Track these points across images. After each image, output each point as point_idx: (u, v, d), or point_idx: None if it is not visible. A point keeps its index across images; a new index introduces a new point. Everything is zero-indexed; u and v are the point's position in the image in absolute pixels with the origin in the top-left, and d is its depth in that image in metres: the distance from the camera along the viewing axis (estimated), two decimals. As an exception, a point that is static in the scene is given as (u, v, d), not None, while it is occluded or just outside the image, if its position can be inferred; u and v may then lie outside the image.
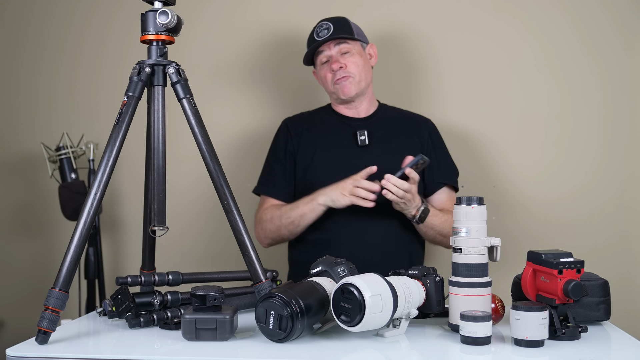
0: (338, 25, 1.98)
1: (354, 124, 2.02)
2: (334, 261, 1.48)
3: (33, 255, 2.47)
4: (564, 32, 2.32)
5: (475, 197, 1.45)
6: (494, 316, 1.47)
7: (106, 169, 1.46)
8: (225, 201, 1.53)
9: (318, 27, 2.00)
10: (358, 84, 1.98)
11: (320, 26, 2.00)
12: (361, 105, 2.03)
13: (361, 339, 1.38)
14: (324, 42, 1.97)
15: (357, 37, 1.99)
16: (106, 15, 2.46)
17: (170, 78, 1.55)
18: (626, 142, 2.28)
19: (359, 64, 1.98)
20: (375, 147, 1.97)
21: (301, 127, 2.06)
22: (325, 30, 1.97)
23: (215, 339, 1.35)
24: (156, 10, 1.54)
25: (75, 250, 1.41)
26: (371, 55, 2.06)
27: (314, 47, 1.99)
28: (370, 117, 2.04)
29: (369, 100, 2.05)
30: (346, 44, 1.98)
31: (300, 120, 2.09)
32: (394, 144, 1.99)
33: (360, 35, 2.03)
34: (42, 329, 1.35)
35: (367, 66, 2.01)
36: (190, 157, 1.78)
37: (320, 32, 1.98)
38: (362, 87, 1.99)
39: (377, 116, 2.05)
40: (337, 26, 1.98)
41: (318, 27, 2.01)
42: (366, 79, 2.00)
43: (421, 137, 2.03)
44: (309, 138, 2.02)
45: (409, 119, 2.09)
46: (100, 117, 2.36)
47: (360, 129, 1.98)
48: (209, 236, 2.38)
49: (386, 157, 1.94)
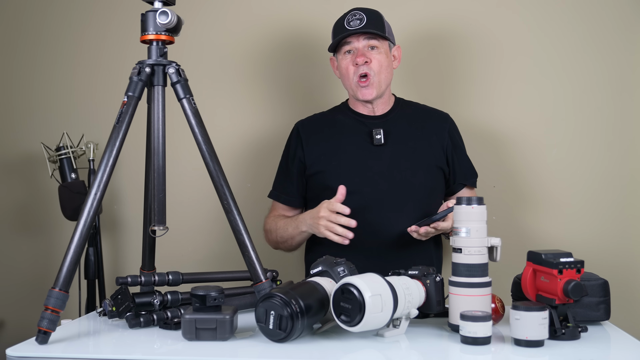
0: (372, 18, 1.90)
1: (369, 123, 1.97)
2: (334, 261, 1.48)
3: (33, 255, 2.46)
4: (565, 32, 2.32)
5: (475, 197, 1.45)
6: (494, 316, 1.47)
7: (106, 169, 1.46)
8: (225, 201, 1.53)
9: (350, 16, 1.91)
10: (378, 86, 1.92)
11: (353, 15, 1.91)
12: (378, 104, 1.99)
13: (361, 339, 1.38)
14: (354, 33, 1.89)
15: (387, 35, 1.93)
16: (106, 15, 2.46)
17: (170, 78, 1.55)
18: (627, 142, 2.28)
19: (383, 64, 1.92)
20: (391, 146, 1.94)
21: (313, 129, 2.02)
22: (357, 21, 1.89)
23: (215, 339, 1.35)
24: (156, 10, 1.54)
25: (75, 250, 1.41)
26: (395, 57, 2.00)
27: (343, 36, 1.90)
28: (386, 115, 2.00)
29: (386, 99, 2.00)
30: (375, 40, 1.91)
31: (312, 122, 2.05)
32: (410, 143, 1.95)
33: (390, 34, 1.97)
34: (42, 329, 1.35)
35: (390, 67, 1.96)
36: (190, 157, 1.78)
37: (352, 20, 1.90)
38: (382, 90, 1.94)
39: (394, 113, 2.00)
40: (371, 19, 1.89)
41: (350, 15, 1.91)
42: (386, 81, 1.95)
43: (440, 136, 1.99)
44: (322, 139, 1.98)
45: (427, 115, 2.04)
46: (100, 117, 2.36)
47: (376, 127, 1.94)
48: (209, 236, 2.38)
49: (402, 156, 1.93)
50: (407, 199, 1.91)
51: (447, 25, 2.36)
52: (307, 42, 2.37)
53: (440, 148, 1.98)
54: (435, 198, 1.98)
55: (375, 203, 1.90)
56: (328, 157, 1.95)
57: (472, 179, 2.04)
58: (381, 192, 1.90)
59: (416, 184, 1.93)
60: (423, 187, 1.94)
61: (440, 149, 1.98)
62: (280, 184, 2.04)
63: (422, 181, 1.93)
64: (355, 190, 1.89)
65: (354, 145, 1.95)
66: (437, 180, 1.97)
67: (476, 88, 2.34)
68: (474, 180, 2.05)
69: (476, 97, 2.34)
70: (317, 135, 2.00)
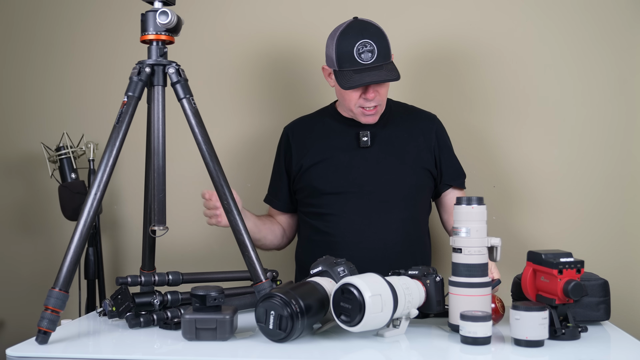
0: (381, 49, 1.82)
1: (356, 124, 1.97)
2: (334, 261, 1.48)
3: (33, 255, 2.46)
4: (565, 32, 2.31)
5: (475, 197, 1.45)
6: (494, 316, 1.48)
7: (106, 169, 1.46)
8: (225, 201, 1.53)
9: (360, 46, 1.81)
10: (381, 110, 1.92)
11: (364, 45, 1.81)
12: None
13: (361, 339, 1.38)
14: (366, 71, 1.80)
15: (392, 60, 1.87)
16: (106, 16, 2.46)
17: (170, 78, 1.55)
18: (627, 142, 2.28)
19: (387, 89, 1.90)
20: (378, 148, 1.94)
21: (301, 132, 2.02)
22: (369, 54, 1.80)
23: (215, 339, 1.35)
24: (156, 10, 1.54)
25: (75, 250, 1.41)
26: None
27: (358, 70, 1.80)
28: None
29: None
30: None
31: (300, 125, 2.05)
32: (397, 144, 1.95)
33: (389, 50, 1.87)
34: (42, 329, 1.35)
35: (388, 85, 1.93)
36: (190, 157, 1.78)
37: (362, 52, 1.81)
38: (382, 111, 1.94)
39: (382, 115, 1.98)
40: (381, 51, 1.81)
41: (360, 45, 1.81)
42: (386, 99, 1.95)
43: (427, 136, 1.98)
44: (310, 142, 1.99)
45: (415, 116, 2.03)
46: (100, 117, 2.36)
47: (362, 129, 1.94)
48: (209, 236, 2.38)
49: (388, 158, 1.93)
50: (393, 200, 1.91)
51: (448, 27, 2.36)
52: (307, 41, 2.37)
53: (428, 149, 1.97)
54: (422, 199, 1.97)
55: (361, 204, 1.90)
56: (314, 159, 1.95)
57: (459, 179, 2.02)
58: (367, 193, 1.90)
59: (402, 184, 1.92)
60: (409, 188, 1.93)
61: (427, 150, 1.97)
62: (273, 188, 2.07)
63: (408, 182, 1.92)
64: (340, 191, 1.90)
65: (340, 147, 1.95)
66: (424, 182, 1.96)
67: (476, 88, 2.34)
68: (461, 181, 2.02)
69: (476, 97, 2.34)
70: (305, 137, 2.01)
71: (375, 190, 1.90)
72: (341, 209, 1.90)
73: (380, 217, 1.89)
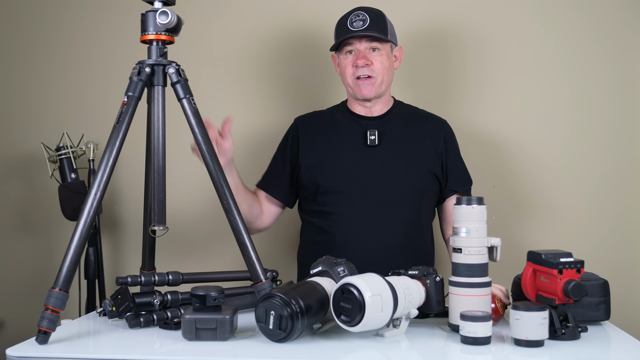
0: (375, 19, 1.89)
1: (365, 123, 1.97)
2: (334, 261, 1.48)
3: (33, 255, 2.46)
4: (565, 32, 2.32)
5: (475, 197, 1.45)
6: (494, 316, 1.48)
7: (106, 169, 1.46)
8: (225, 201, 1.53)
9: (353, 16, 1.90)
10: (379, 86, 1.93)
11: (356, 15, 1.90)
12: (376, 105, 1.98)
13: (361, 339, 1.38)
14: (356, 36, 1.88)
15: (390, 37, 1.92)
16: (106, 15, 2.46)
17: (170, 78, 1.55)
18: (627, 142, 2.28)
19: (384, 65, 1.92)
20: (385, 147, 1.93)
21: (311, 126, 2.02)
22: (360, 22, 1.88)
23: (215, 339, 1.35)
24: (156, 10, 1.54)
25: (75, 250, 1.41)
26: (396, 58, 1.99)
27: (346, 38, 1.89)
28: (383, 117, 1.99)
29: (384, 100, 2.00)
30: (377, 42, 1.90)
31: (311, 119, 2.05)
32: (405, 145, 1.95)
33: (392, 35, 1.96)
34: (42, 329, 1.35)
35: (391, 68, 1.95)
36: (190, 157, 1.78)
37: (355, 21, 1.89)
38: (382, 90, 1.94)
39: (390, 115, 2.00)
40: (374, 21, 1.89)
41: (353, 15, 1.90)
42: (387, 82, 1.95)
43: (435, 140, 1.98)
44: (318, 138, 1.99)
45: (424, 119, 2.04)
46: (100, 117, 2.36)
47: (371, 128, 1.94)
48: (209, 236, 2.38)
49: (394, 158, 1.92)
50: (396, 201, 1.90)
51: (448, 26, 2.36)
52: (307, 41, 2.37)
53: (435, 153, 1.97)
54: (426, 202, 1.97)
55: (364, 203, 1.89)
56: (320, 155, 1.95)
57: (465, 186, 2.01)
58: (371, 192, 1.90)
59: (407, 186, 1.91)
60: (414, 189, 1.92)
61: (434, 153, 1.96)
62: (272, 175, 2.04)
63: (413, 184, 1.92)
64: (344, 189, 1.90)
65: (347, 145, 1.95)
66: (429, 185, 1.95)
67: (477, 88, 2.34)
68: (467, 188, 2.01)
69: (477, 97, 2.34)
70: (314, 132, 2.01)
71: (379, 190, 1.90)
72: (344, 208, 1.89)
73: (383, 218, 1.88)
